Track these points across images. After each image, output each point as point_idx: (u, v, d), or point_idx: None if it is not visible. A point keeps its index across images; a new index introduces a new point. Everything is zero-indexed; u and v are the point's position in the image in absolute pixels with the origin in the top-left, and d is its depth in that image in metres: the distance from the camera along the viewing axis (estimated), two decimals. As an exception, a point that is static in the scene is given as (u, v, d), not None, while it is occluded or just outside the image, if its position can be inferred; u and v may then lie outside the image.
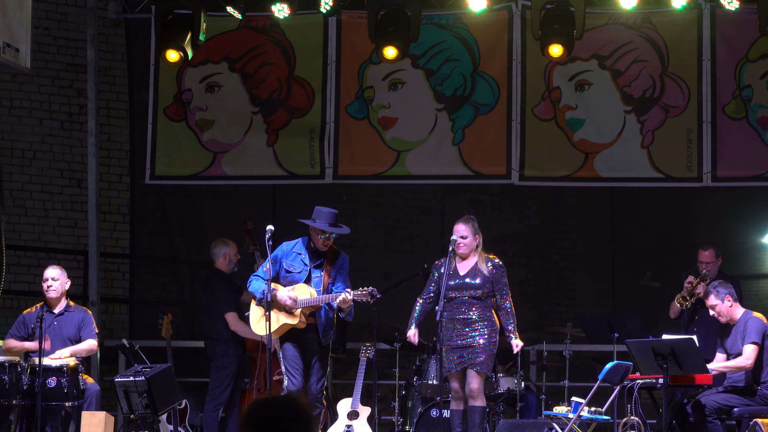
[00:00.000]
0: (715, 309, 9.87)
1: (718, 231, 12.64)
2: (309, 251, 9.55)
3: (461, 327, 9.43)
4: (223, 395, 11.00)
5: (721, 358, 9.94)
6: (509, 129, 12.03)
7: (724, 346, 9.92)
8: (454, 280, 9.49)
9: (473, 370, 9.40)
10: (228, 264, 11.12)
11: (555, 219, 13.67)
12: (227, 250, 11.17)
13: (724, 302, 9.85)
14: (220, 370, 11.04)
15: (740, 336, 9.78)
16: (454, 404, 9.56)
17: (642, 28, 11.93)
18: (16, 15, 9.23)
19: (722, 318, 9.88)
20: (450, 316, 9.46)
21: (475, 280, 9.47)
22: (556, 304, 13.64)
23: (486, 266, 9.50)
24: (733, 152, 11.77)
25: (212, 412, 11.02)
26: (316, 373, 9.54)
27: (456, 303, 9.47)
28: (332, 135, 12.19)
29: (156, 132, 12.35)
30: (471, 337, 9.41)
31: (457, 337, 9.44)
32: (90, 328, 10.39)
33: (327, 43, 12.25)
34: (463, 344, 9.41)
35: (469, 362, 9.40)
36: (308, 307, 9.43)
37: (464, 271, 9.54)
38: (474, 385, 9.41)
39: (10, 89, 13.29)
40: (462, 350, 9.42)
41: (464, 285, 9.48)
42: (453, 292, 9.46)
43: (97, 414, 9.86)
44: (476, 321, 9.43)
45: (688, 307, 10.70)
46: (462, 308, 9.46)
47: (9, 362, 9.74)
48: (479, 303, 9.46)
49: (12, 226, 12.97)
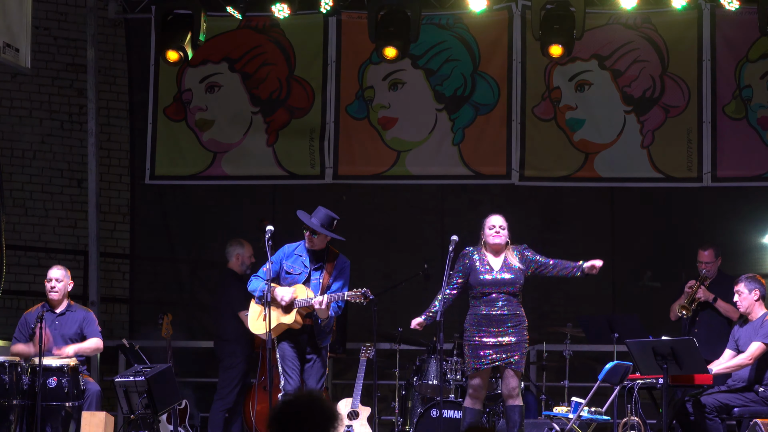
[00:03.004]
0: (740, 296, 9.82)
1: (718, 231, 12.63)
2: (310, 254, 9.56)
3: (494, 324, 9.24)
4: (230, 396, 11.00)
5: (729, 355, 9.91)
6: (509, 129, 12.04)
7: (737, 342, 9.87)
8: (489, 275, 9.29)
9: (510, 369, 9.24)
10: (241, 265, 11.13)
11: (555, 219, 13.65)
12: (241, 251, 11.18)
13: (750, 294, 9.81)
14: (228, 371, 11.04)
15: (755, 333, 9.76)
16: (469, 402, 9.36)
17: (642, 28, 11.93)
18: (16, 15, 9.22)
19: (741, 308, 9.84)
20: (481, 312, 9.27)
21: (509, 275, 9.28)
22: (556, 304, 13.63)
23: (515, 259, 9.35)
24: (733, 152, 11.77)
25: (218, 412, 11.03)
26: (315, 374, 9.54)
27: (489, 300, 9.27)
28: (332, 135, 12.20)
29: (156, 132, 12.35)
30: (504, 335, 9.22)
31: (489, 334, 9.23)
32: (94, 327, 10.38)
33: (327, 43, 12.26)
34: (496, 342, 9.22)
35: (503, 361, 9.22)
36: (304, 308, 9.42)
37: (498, 266, 9.35)
38: (513, 384, 9.26)
39: (10, 89, 13.29)
40: (494, 348, 9.23)
41: (498, 281, 9.27)
42: (487, 288, 9.27)
43: (97, 414, 9.85)
44: (509, 318, 9.24)
45: (689, 315, 10.68)
46: (495, 305, 9.26)
47: (9, 362, 9.73)
48: (512, 299, 9.28)
49: (12, 226, 12.97)
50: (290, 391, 9.44)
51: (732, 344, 9.93)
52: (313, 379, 9.52)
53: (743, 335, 9.85)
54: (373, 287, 9.41)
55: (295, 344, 9.51)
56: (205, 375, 12.28)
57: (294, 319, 9.39)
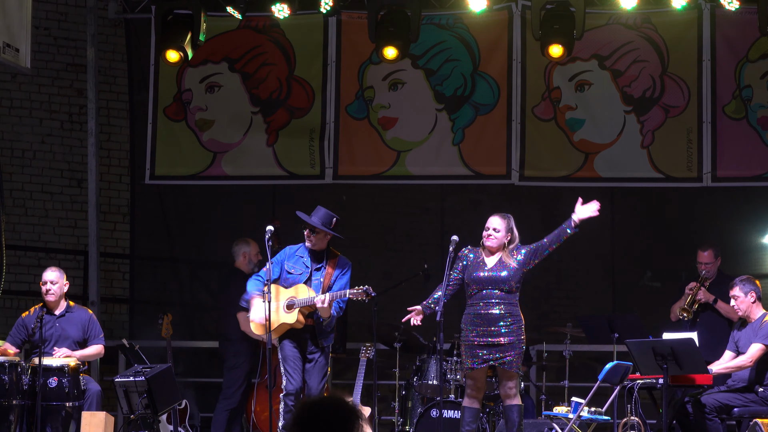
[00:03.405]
0: (737, 301, 9.81)
1: (718, 231, 12.64)
2: (311, 254, 9.57)
3: (487, 324, 9.11)
4: (235, 395, 11.02)
5: (729, 356, 9.91)
6: (509, 129, 12.03)
7: (737, 344, 9.87)
8: (483, 272, 9.18)
9: (505, 369, 9.14)
10: (248, 263, 11.14)
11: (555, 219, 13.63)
12: (248, 249, 11.20)
13: (747, 297, 9.80)
14: (232, 371, 11.05)
15: (754, 334, 9.75)
16: (468, 401, 9.28)
17: (642, 28, 11.93)
18: (16, 15, 9.22)
19: (740, 312, 9.83)
20: (475, 311, 9.17)
21: (503, 273, 9.16)
22: (556, 304, 13.64)
23: (511, 258, 9.21)
24: (733, 152, 11.77)
25: (222, 411, 11.04)
26: (317, 374, 9.53)
27: (483, 297, 9.16)
28: (332, 135, 12.20)
29: (156, 132, 12.35)
30: (497, 334, 9.10)
31: (483, 334, 9.11)
32: (97, 331, 10.39)
33: (327, 43, 12.25)
34: (490, 342, 9.10)
35: (497, 361, 9.12)
36: (306, 308, 9.43)
37: (492, 264, 9.24)
38: (509, 384, 9.16)
39: (10, 89, 13.29)
40: (488, 348, 9.12)
41: (492, 278, 9.15)
42: (481, 285, 9.15)
43: (97, 414, 9.86)
44: (503, 317, 9.11)
45: (690, 318, 10.68)
46: (488, 303, 9.14)
47: (9, 362, 9.73)
48: (507, 298, 9.15)
49: (12, 226, 12.97)
50: (292, 391, 9.43)
51: (732, 346, 9.93)
52: (315, 379, 9.51)
53: (743, 337, 9.85)
54: (373, 287, 9.40)
55: (297, 344, 9.51)
56: (205, 375, 12.29)
57: (296, 319, 9.40)
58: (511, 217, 9.35)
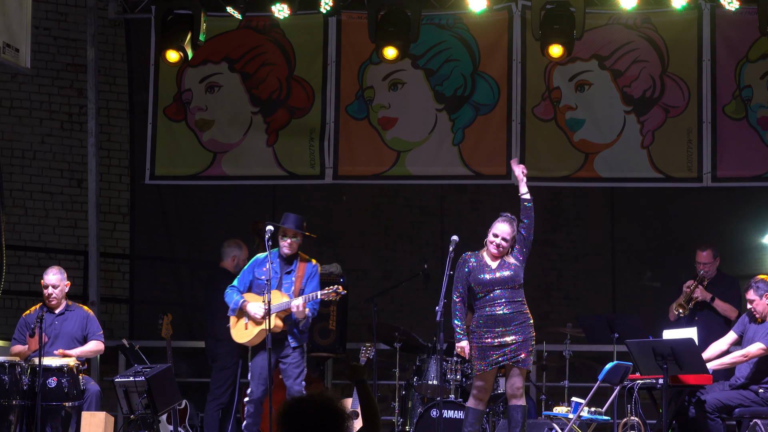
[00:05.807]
0: (753, 304, 9.80)
1: (718, 231, 12.65)
2: (281, 260, 9.80)
3: (500, 324, 9.12)
4: (224, 395, 11.03)
5: (732, 338, 9.91)
6: (509, 129, 12.03)
7: (744, 333, 9.84)
8: (488, 274, 9.18)
9: (516, 367, 9.14)
10: (235, 267, 11.15)
11: (555, 219, 13.67)
12: (238, 253, 11.24)
13: (762, 299, 9.80)
14: (222, 371, 11.05)
15: (765, 334, 9.75)
16: (473, 402, 9.26)
17: (642, 28, 11.93)
18: (16, 15, 9.22)
19: (757, 314, 9.83)
20: (486, 313, 9.16)
21: (507, 272, 9.17)
22: (556, 304, 13.64)
23: (512, 258, 9.21)
24: (733, 152, 11.77)
25: (213, 411, 11.04)
26: (293, 373, 9.74)
27: (491, 299, 9.16)
28: (332, 135, 12.19)
29: (156, 132, 12.35)
30: (511, 333, 9.10)
31: (495, 335, 9.12)
32: (96, 328, 10.41)
33: (327, 43, 12.25)
34: (502, 342, 9.10)
35: (510, 359, 9.11)
36: (282, 312, 9.65)
37: (495, 265, 9.22)
38: (517, 383, 9.15)
39: (10, 89, 13.30)
40: (500, 348, 9.11)
41: (498, 279, 9.15)
42: (488, 287, 9.16)
43: (97, 414, 9.86)
44: (514, 317, 9.12)
45: (686, 314, 10.71)
46: (498, 304, 9.14)
47: (9, 362, 9.73)
48: (515, 298, 9.16)
49: (12, 226, 12.98)
50: (255, 399, 9.69)
51: (738, 329, 9.91)
52: (292, 378, 9.73)
53: (760, 331, 9.79)
54: (373, 287, 9.42)
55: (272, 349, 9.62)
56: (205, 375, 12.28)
57: (274, 324, 9.53)
58: (515, 219, 9.34)
